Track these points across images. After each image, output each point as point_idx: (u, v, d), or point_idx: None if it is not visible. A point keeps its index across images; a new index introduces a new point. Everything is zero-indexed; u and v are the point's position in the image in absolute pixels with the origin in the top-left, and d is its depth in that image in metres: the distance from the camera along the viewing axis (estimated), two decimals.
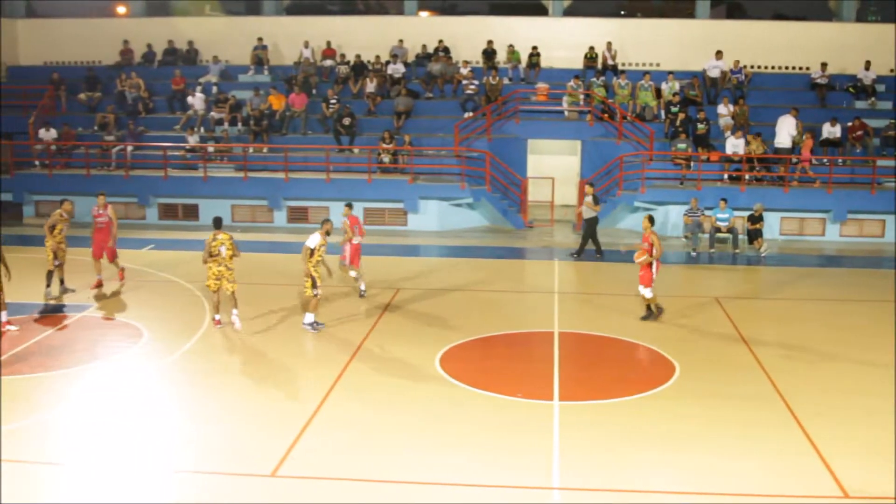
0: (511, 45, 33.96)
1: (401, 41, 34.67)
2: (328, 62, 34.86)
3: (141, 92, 33.58)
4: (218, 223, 18.63)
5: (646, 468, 12.20)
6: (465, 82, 32.15)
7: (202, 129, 31.98)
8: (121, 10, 40.51)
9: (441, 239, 27.74)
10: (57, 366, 16.32)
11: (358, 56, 34.10)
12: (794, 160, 28.64)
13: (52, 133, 31.73)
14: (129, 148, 31.25)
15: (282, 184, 29.52)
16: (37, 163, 31.77)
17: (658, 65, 34.19)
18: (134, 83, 33.85)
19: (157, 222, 30.18)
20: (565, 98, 31.58)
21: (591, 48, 33.93)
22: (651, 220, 19.17)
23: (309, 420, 13.89)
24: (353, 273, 21.23)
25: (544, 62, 33.98)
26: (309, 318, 18.35)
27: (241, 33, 36.36)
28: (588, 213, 25.40)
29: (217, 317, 18.60)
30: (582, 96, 31.41)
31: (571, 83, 31.66)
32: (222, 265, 18.26)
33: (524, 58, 34.07)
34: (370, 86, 32.81)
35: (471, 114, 31.30)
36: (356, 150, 30.56)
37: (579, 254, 25.36)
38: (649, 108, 31.16)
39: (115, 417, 14.19)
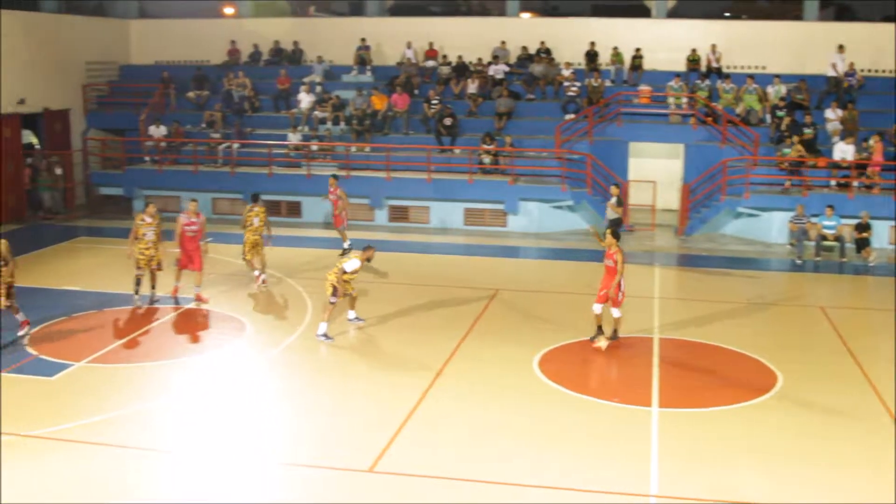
0: (616, 48, 33.74)
1: (503, 42, 34.70)
2: (430, 63, 35.09)
3: (247, 91, 34.20)
4: (255, 198, 22.46)
5: (745, 479, 12.07)
6: (566, 84, 32.06)
7: (306, 128, 32.46)
8: (228, 11, 41.33)
9: (540, 241, 27.71)
10: (161, 356, 16.79)
11: (460, 57, 34.25)
12: None
13: (162, 130, 32.55)
14: (236, 145, 31.90)
15: (383, 183, 29.82)
16: (147, 158, 32.64)
17: (764, 67, 33.56)
18: (241, 82, 34.51)
19: None
20: (671, 100, 31.25)
21: (694, 50, 33.51)
22: (615, 234, 17.42)
23: (407, 417, 14.06)
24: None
25: (647, 64, 33.68)
26: (322, 328, 17.88)
27: (344, 34, 36.75)
28: (611, 214, 25.53)
29: (256, 272, 21.56)
30: (685, 99, 31.05)
31: (672, 83, 31.34)
32: (256, 234, 21.53)
33: (626, 60, 33.83)
34: (472, 87, 32.93)
35: (572, 116, 31.20)
36: (457, 151, 30.70)
37: None
38: (754, 111, 30.65)
39: (217, 408, 14.57)
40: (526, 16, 40.67)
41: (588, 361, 17.12)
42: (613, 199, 25.57)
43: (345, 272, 17.78)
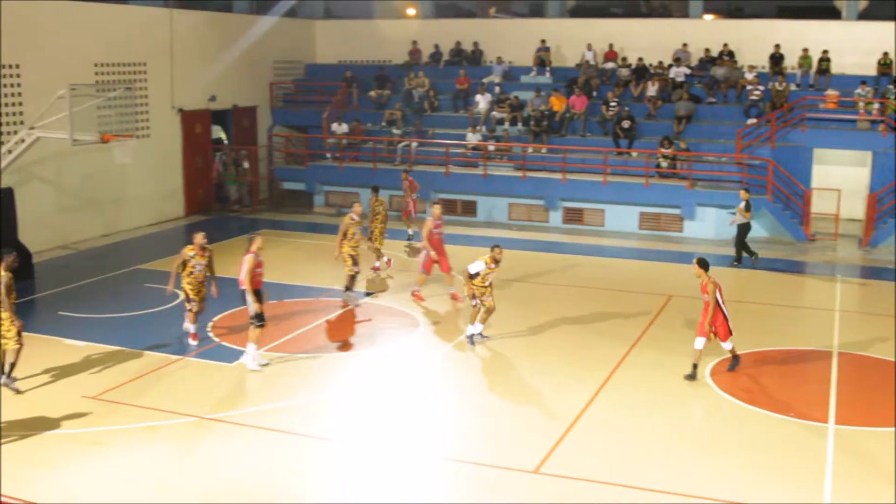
0: (805, 49, 32.64)
1: (684, 44, 34.15)
2: (610, 65, 34.85)
3: (427, 90, 34.72)
4: (376, 189, 24.31)
5: None
6: (749, 87, 31.33)
7: (484, 128, 32.74)
8: (410, 11, 42.04)
9: (717, 247, 27.16)
10: (336, 348, 17.27)
11: (640, 59, 33.89)
12: None
13: (344, 128, 33.41)
14: (414, 144, 32.46)
15: (559, 184, 29.82)
16: (328, 155, 33.56)
17: None
18: (421, 82, 35.08)
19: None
20: (861, 105, 30.11)
21: (885, 54, 32.17)
22: (703, 263, 16.17)
23: (574, 420, 14.08)
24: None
25: (834, 68, 32.52)
26: (470, 329, 17.76)
27: (524, 35, 36.85)
28: (740, 219, 25.06)
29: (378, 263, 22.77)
30: (876, 104, 29.89)
31: (859, 90, 30.22)
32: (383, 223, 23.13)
33: (813, 63, 32.75)
34: (651, 89, 32.57)
35: (754, 120, 30.46)
36: (634, 154, 30.43)
37: (738, 260, 25.23)
38: None
39: (387, 401, 14.93)
40: (709, 17, 39.90)
41: (763, 373, 16.73)
42: (742, 204, 24.99)
43: (470, 275, 17.25)
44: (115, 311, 19.77)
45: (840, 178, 30.12)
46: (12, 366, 15.25)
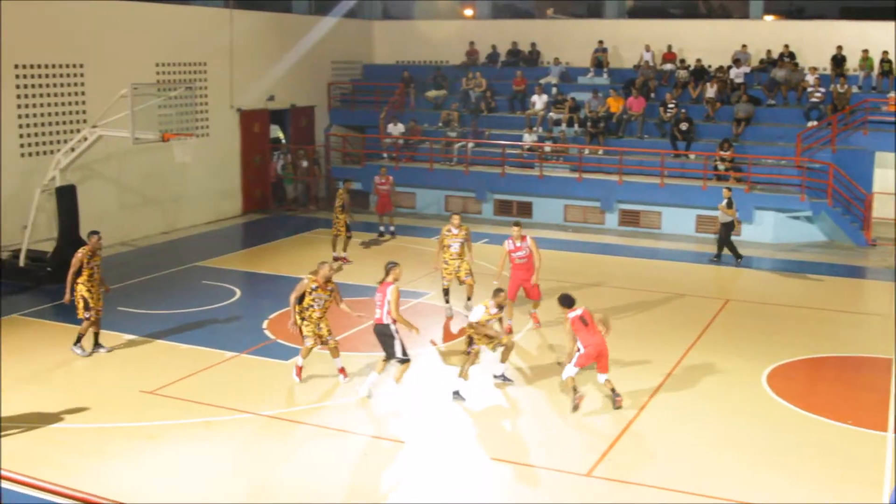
0: (865, 51, 32.19)
1: (744, 46, 33.80)
2: (668, 66, 34.61)
3: (484, 91, 34.72)
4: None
5: None
6: (810, 90, 30.95)
7: (540, 129, 32.68)
8: (468, 12, 42.10)
9: (775, 252, 26.89)
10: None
11: (698, 60, 33.60)
12: None
13: (400, 128, 33.52)
14: (470, 145, 32.49)
15: (615, 186, 29.68)
16: (385, 155, 33.68)
17: None
18: (478, 82, 35.10)
19: (491, 217, 31.15)
20: None
21: None
22: (564, 300, 15.03)
23: (628, 424, 14.01)
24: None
25: None
26: (455, 384, 15.33)
27: (582, 36, 36.72)
28: (723, 217, 24.95)
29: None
30: None
31: None
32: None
33: (876, 64, 32.26)
34: (710, 91, 32.27)
35: (815, 123, 30.07)
36: (692, 156, 30.20)
37: (717, 257, 25.29)
38: None
39: (440, 401, 14.96)
40: (769, 18, 39.49)
41: (821, 380, 16.56)
42: (724, 202, 24.89)
43: (471, 324, 15.15)
44: (172, 307, 20.03)
45: None
46: (80, 336, 16.72)
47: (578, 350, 14.45)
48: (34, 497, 9.73)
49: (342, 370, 15.69)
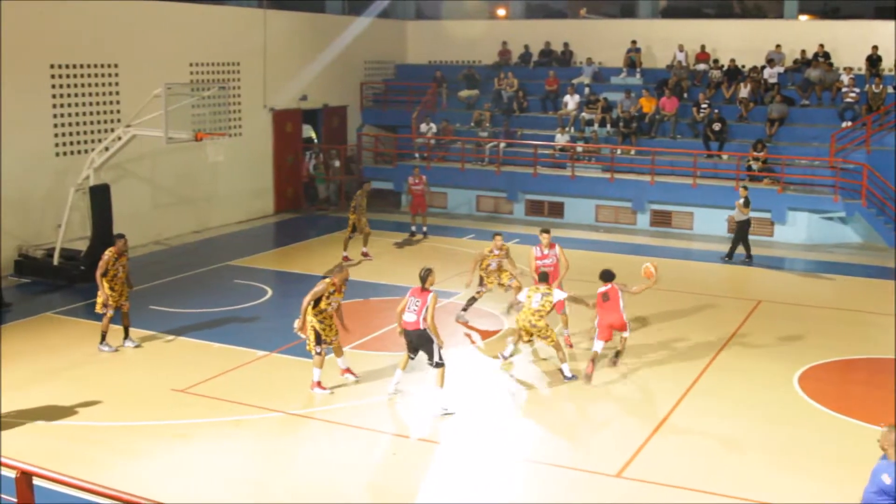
0: None
1: (778, 46, 33.56)
2: (701, 66, 34.42)
3: (516, 91, 34.68)
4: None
5: None
6: (844, 90, 30.68)
7: (572, 129, 32.61)
8: (500, 12, 42.06)
9: (808, 253, 26.70)
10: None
11: (732, 60, 33.38)
12: None
13: (432, 128, 33.56)
14: (502, 145, 32.47)
15: (647, 187, 29.57)
16: (417, 155, 33.74)
17: None
18: (510, 82, 35.07)
19: (523, 217, 31.11)
20: None
21: None
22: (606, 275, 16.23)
23: (659, 425, 13.96)
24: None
25: None
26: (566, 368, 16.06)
27: (615, 36, 36.58)
28: (739, 216, 24.96)
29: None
30: None
31: None
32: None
33: None
34: (743, 91, 32.07)
35: (849, 123, 29.81)
36: (725, 157, 30.04)
37: (730, 257, 25.33)
38: None
39: (470, 401, 14.97)
40: (804, 18, 39.18)
41: (854, 382, 16.44)
42: (741, 200, 24.88)
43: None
44: (204, 306, 20.14)
45: None
46: (103, 334, 17.04)
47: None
48: (66, 494, 9.81)
49: (348, 370, 15.65)
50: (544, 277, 16.22)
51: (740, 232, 25.12)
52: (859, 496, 11.77)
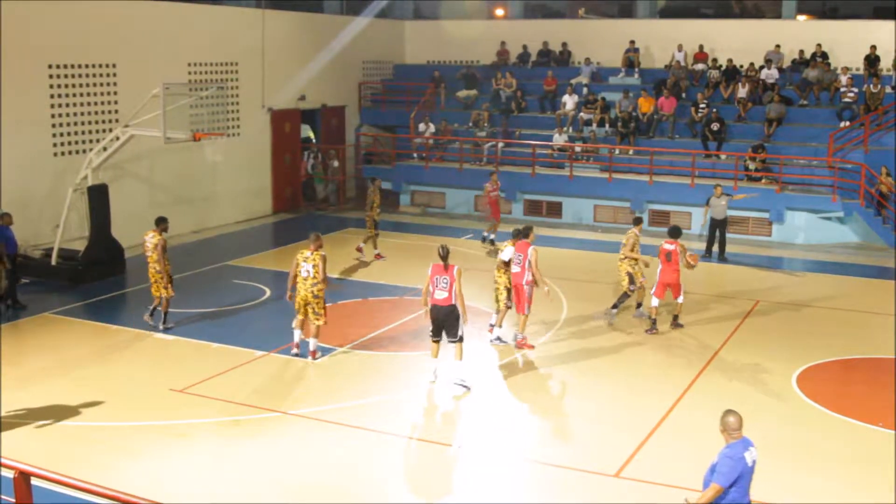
0: None
1: (776, 46, 33.59)
2: (699, 66, 34.44)
3: (515, 91, 34.68)
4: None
5: None
6: (843, 90, 30.71)
7: (571, 129, 32.62)
8: (499, 12, 42.06)
9: (806, 252, 26.72)
10: (418, 346, 17.35)
11: (730, 60, 33.41)
12: None
13: (431, 128, 33.56)
14: (500, 144, 32.48)
15: (645, 186, 29.58)
16: (415, 155, 33.75)
17: None
18: (508, 82, 35.08)
19: (521, 217, 31.06)
20: None
21: None
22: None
23: (657, 425, 13.97)
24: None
25: None
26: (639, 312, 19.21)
27: (613, 36, 36.59)
28: (717, 213, 25.52)
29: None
30: None
31: None
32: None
33: None
34: (742, 91, 32.09)
35: (847, 123, 29.84)
36: (723, 157, 30.05)
37: (708, 252, 25.78)
38: None
39: (469, 401, 14.96)
40: (802, 18, 39.20)
41: (852, 381, 16.45)
42: (723, 199, 25.58)
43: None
44: (203, 306, 20.14)
45: None
46: (166, 314, 18.25)
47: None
48: (65, 494, 9.81)
49: (314, 353, 16.55)
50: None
51: (722, 230, 25.61)
52: (857, 495, 11.84)
